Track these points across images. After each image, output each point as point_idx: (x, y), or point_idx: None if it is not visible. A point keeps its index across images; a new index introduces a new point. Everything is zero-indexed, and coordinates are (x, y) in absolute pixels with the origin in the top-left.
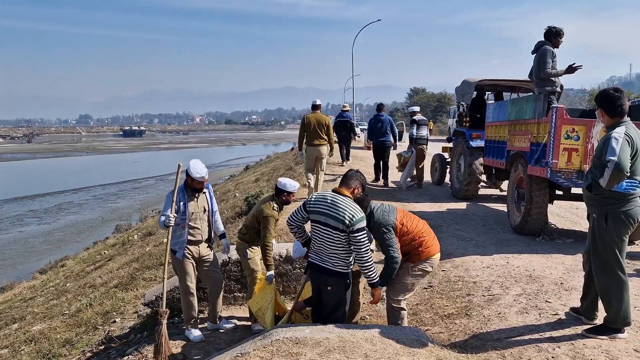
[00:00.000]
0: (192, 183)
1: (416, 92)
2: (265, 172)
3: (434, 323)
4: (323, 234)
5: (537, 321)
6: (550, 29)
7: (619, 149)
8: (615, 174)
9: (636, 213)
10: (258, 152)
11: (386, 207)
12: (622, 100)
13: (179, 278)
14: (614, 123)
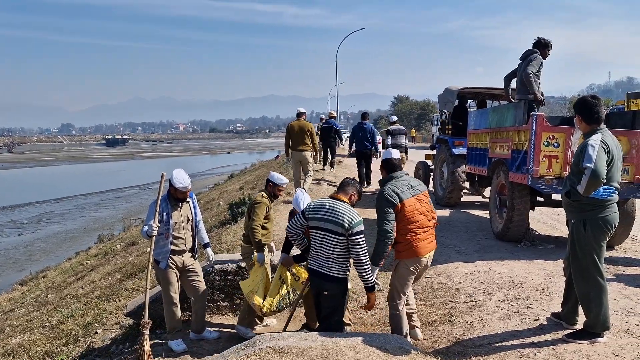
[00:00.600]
0: (175, 193)
1: (400, 100)
2: (249, 180)
3: None
4: (322, 239)
5: (518, 327)
6: (540, 40)
7: (595, 156)
8: (592, 180)
9: (614, 219)
10: (243, 160)
11: (402, 187)
12: (598, 108)
13: (162, 288)
14: (591, 130)
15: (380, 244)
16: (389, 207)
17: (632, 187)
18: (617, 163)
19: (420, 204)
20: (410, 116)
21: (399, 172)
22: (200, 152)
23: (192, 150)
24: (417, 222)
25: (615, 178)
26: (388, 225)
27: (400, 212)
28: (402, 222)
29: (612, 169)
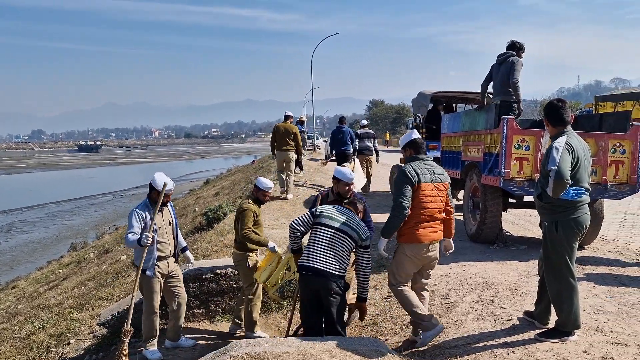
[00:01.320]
0: (158, 197)
1: (375, 104)
2: (225, 185)
3: (394, 332)
4: (333, 237)
5: (492, 327)
6: (515, 43)
7: (559, 158)
8: (557, 182)
9: (585, 220)
10: (218, 166)
11: (424, 170)
12: (563, 110)
13: (144, 296)
14: (557, 133)
15: (394, 217)
16: (408, 183)
17: (600, 188)
18: (585, 164)
19: (436, 193)
20: (386, 120)
21: (424, 155)
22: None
23: (167, 155)
24: (426, 209)
25: (584, 179)
26: (405, 201)
27: (415, 193)
28: (412, 204)
29: (579, 171)
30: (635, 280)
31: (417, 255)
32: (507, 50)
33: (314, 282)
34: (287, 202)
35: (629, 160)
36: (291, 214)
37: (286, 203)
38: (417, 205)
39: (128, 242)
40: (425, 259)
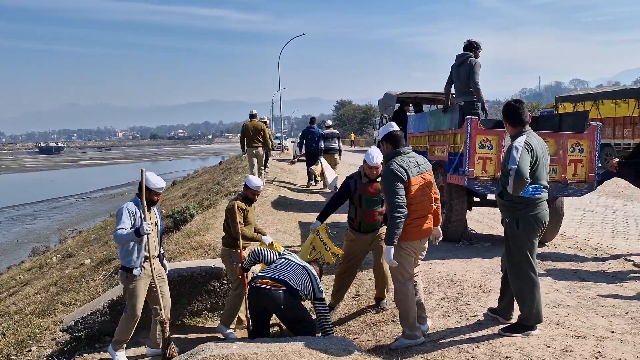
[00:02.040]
0: (149, 195)
1: (343, 104)
2: (192, 187)
3: (362, 331)
4: (296, 266)
5: (458, 323)
6: (470, 42)
7: (518, 157)
8: (517, 181)
9: (544, 216)
10: (185, 167)
11: (409, 163)
12: (521, 111)
13: (128, 298)
14: (517, 132)
15: (395, 220)
16: (399, 182)
17: (560, 185)
18: (544, 163)
19: (425, 184)
20: (353, 120)
21: (405, 148)
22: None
23: (133, 157)
24: (419, 203)
25: (543, 177)
26: (400, 200)
27: (407, 191)
28: (407, 201)
29: (538, 169)
30: (593, 275)
31: (416, 250)
32: (464, 51)
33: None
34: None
35: (587, 159)
36: (258, 215)
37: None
38: (411, 202)
39: (120, 237)
40: (419, 249)
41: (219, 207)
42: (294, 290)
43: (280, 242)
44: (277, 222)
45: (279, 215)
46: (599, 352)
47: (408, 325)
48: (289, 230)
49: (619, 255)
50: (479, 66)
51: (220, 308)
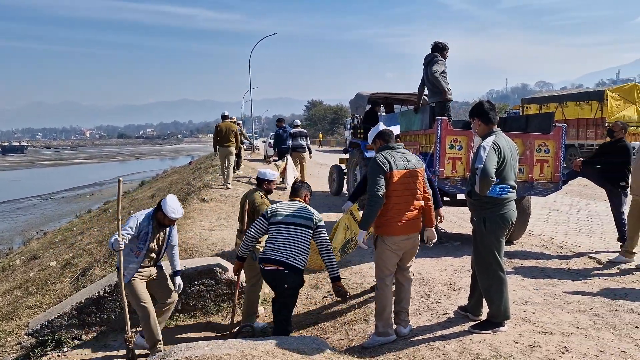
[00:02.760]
0: (163, 220)
1: (314, 104)
2: (162, 187)
3: (334, 330)
4: (289, 232)
5: (429, 321)
6: (437, 44)
7: (485, 156)
8: (482, 180)
9: (511, 215)
10: (154, 167)
11: (396, 157)
12: (492, 112)
13: (132, 301)
14: (486, 132)
15: (370, 207)
16: (380, 172)
17: (527, 185)
18: (512, 163)
19: (411, 180)
20: (324, 120)
21: (395, 143)
22: (108, 158)
23: (99, 157)
24: (401, 196)
25: (510, 177)
26: (378, 189)
27: (389, 182)
28: (387, 193)
29: (506, 169)
30: (559, 273)
31: (397, 245)
32: (431, 52)
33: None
34: (227, 203)
35: (553, 159)
36: (229, 215)
37: (225, 204)
38: (391, 194)
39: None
40: (405, 247)
41: (190, 208)
42: (295, 268)
43: None
44: None
45: None
46: (565, 347)
47: (382, 321)
48: None
49: (583, 252)
50: (442, 63)
51: (191, 309)
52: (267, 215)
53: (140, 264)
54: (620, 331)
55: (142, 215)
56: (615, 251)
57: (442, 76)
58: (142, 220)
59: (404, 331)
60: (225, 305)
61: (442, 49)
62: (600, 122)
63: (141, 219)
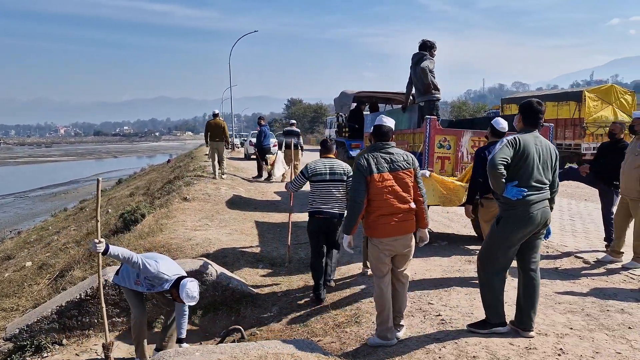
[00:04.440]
0: (176, 299)
1: (293, 103)
2: (140, 185)
3: (326, 333)
4: (329, 188)
5: (422, 323)
6: (425, 42)
7: (497, 149)
8: (489, 171)
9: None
10: (131, 165)
11: (380, 159)
12: (541, 115)
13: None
14: (521, 129)
15: (349, 212)
16: (359, 175)
17: None
18: (537, 162)
19: (396, 182)
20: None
21: (385, 143)
22: (84, 156)
23: (75, 154)
24: (384, 200)
25: (533, 176)
26: (357, 195)
27: (369, 185)
28: (369, 197)
29: (526, 166)
30: (547, 272)
31: (384, 246)
32: (419, 51)
33: (326, 223)
34: (209, 202)
35: None
36: (213, 214)
37: (208, 203)
38: (373, 198)
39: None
40: (395, 248)
41: (172, 207)
42: (338, 215)
43: (237, 242)
44: (232, 221)
45: (235, 215)
46: (560, 349)
47: (379, 323)
48: (245, 230)
49: (569, 252)
50: (428, 59)
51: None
52: (306, 175)
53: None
54: (613, 332)
55: (163, 271)
56: (601, 250)
57: (431, 73)
58: (154, 268)
59: (397, 334)
60: (211, 307)
61: (430, 47)
62: (579, 123)
63: (156, 273)
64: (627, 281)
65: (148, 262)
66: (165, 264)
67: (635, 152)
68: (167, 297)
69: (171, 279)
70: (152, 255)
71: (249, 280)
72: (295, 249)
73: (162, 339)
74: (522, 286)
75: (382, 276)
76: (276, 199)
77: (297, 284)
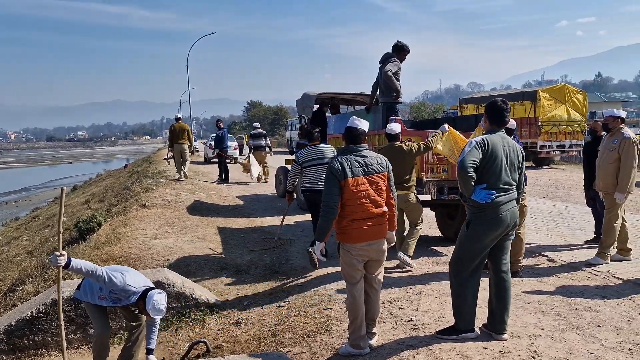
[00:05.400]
0: (142, 312)
1: (253, 105)
2: (96, 192)
3: (295, 343)
4: (319, 170)
5: (394, 329)
6: (396, 43)
7: (466, 151)
8: (458, 174)
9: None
10: (87, 171)
11: (354, 162)
12: (506, 113)
13: (93, 321)
14: (488, 130)
15: (323, 218)
16: (333, 180)
17: None
18: (504, 164)
19: (370, 186)
20: (264, 121)
21: (358, 145)
22: (36, 162)
23: (27, 161)
24: (358, 205)
25: (498, 177)
26: (330, 200)
27: (344, 189)
28: (342, 201)
29: (494, 168)
30: (513, 272)
31: (358, 252)
32: (391, 52)
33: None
34: (170, 208)
35: None
36: (174, 221)
37: (168, 209)
38: (346, 203)
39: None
40: (369, 254)
41: (130, 215)
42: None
43: (199, 250)
44: (194, 228)
45: (196, 221)
46: (534, 352)
47: (352, 332)
48: (208, 236)
49: (532, 250)
50: (396, 63)
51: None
52: (299, 162)
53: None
54: (584, 331)
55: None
56: (565, 247)
57: (395, 77)
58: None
59: (370, 342)
60: (174, 319)
61: (399, 50)
62: (534, 122)
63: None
64: (591, 278)
65: (113, 274)
66: (132, 276)
67: (609, 147)
68: (133, 311)
69: (138, 291)
70: (116, 268)
71: (213, 289)
72: (260, 255)
73: (126, 357)
74: (494, 288)
75: (355, 283)
76: (238, 204)
77: (263, 292)
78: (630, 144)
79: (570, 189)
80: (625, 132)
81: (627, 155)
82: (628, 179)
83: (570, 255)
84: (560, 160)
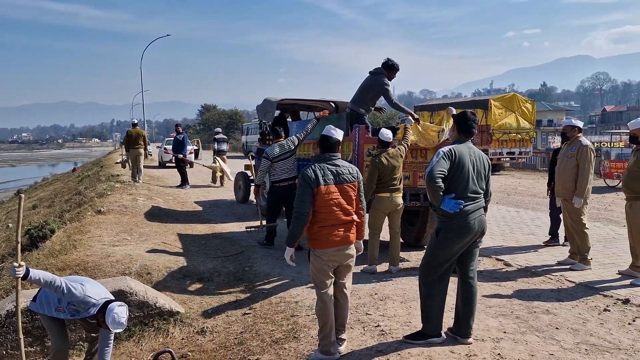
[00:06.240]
0: (102, 325)
1: (207, 108)
2: (44, 196)
3: (263, 351)
4: (290, 160)
5: (362, 335)
6: (387, 61)
7: (434, 162)
8: (427, 184)
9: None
10: (32, 174)
11: (327, 171)
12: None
13: (50, 336)
14: (456, 140)
15: (294, 224)
16: (306, 187)
17: None
18: (471, 173)
19: (341, 195)
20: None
21: (332, 154)
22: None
23: None
24: (329, 212)
25: (468, 187)
26: (302, 206)
27: (316, 197)
28: (314, 208)
29: (462, 177)
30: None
31: (328, 257)
32: (381, 67)
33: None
34: (127, 214)
35: None
36: (132, 227)
37: (125, 216)
38: (319, 210)
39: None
40: (338, 259)
41: (85, 221)
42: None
43: (160, 257)
44: (153, 235)
45: (155, 227)
46: (499, 354)
47: (321, 338)
48: (168, 243)
49: (487, 254)
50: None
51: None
52: (269, 158)
53: (53, 305)
54: (543, 333)
55: (90, 295)
56: (519, 251)
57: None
58: (79, 291)
59: (339, 349)
60: (136, 329)
61: (390, 68)
62: (485, 129)
63: (82, 298)
64: (546, 282)
65: (73, 285)
66: (92, 287)
67: (568, 155)
68: (92, 322)
69: (99, 303)
70: (76, 278)
71: (176, 297)
72: (223, 262)
73: None
74: (461, 294)
75: (324, 288)
76: (197, 209)
77: (227, 299)
78: (587, 151)
79: (521, 194)
80: (582, 140)
81: (585, 161)
82: (586, 184)
83: (525, 259)
84: (510, 166)
